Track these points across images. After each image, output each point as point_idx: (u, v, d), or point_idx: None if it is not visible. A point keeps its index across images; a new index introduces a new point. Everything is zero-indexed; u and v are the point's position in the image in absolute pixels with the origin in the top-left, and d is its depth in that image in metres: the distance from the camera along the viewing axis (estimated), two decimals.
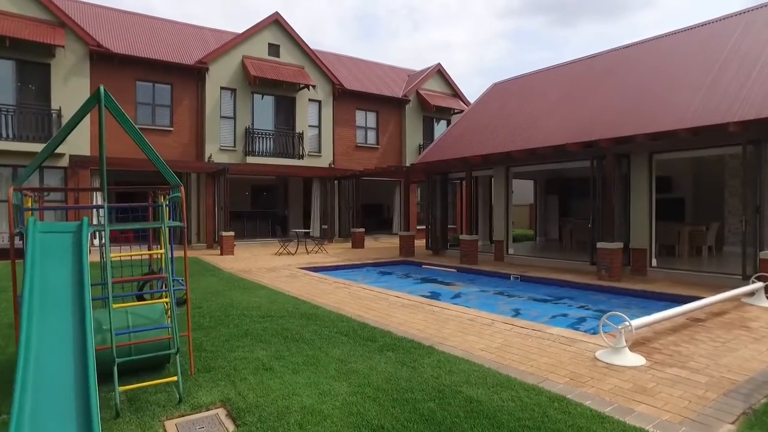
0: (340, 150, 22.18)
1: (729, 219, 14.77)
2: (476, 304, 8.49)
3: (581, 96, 13.82)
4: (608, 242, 10.27)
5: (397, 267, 14.16)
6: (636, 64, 13.47)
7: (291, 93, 20.33)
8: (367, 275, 12.56)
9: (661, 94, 11.20)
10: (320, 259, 14.87)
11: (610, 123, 11.44)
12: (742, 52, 10.63)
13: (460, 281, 11.40)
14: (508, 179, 14.42)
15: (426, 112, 24.62)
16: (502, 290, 10.01)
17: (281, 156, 19.82)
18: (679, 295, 8.59)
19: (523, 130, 14.01)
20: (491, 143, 14.43)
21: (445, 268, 13.30)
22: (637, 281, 10.11)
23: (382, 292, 8.79)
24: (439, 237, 16.44)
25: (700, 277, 10.02)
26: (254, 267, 12.85)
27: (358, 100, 22.61)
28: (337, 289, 9.28)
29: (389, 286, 10.62)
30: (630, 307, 8.25)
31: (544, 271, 11.72)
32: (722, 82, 10.04)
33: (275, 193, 25.12)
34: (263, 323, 6.40)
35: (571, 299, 8.97)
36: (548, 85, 15.94)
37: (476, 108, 18.14)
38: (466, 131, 16.62)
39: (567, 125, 12.66)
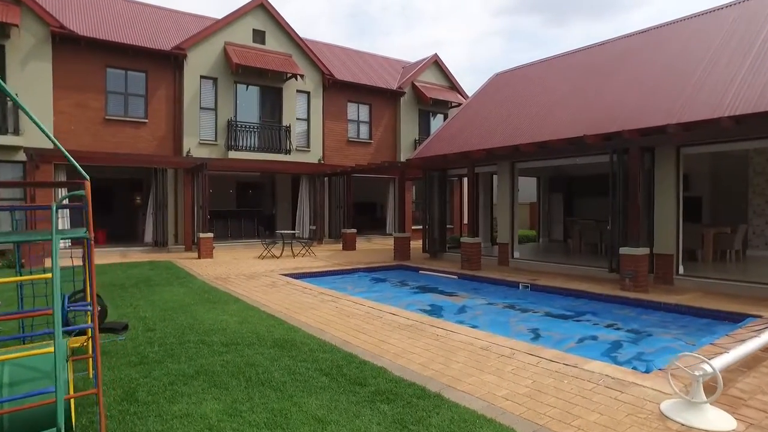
0: (331, 145, 20.82)
1: (754, 220, 13.58)
2: (486, 322, 7.20)
3: (595, 85, 12.55)
4: (633, 247, 9.00)
5: (391, 272, 12.84)
6: (658, 49, 12.21)
7: (277, 83, 18.93)
8: (358, 282, 11.24)
9: (691, 80, 9.94)
10: (307, 263, 13.53)
11: (631, 113, 10.18)
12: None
13: (463, 291, 10.10)
14: (514, 176, 13.14)
15: (422, 106, 23.30)
16: (513, 302, 8.72)
17: (267, 151, 18.43)
18: (721, 311, 7.34)
19: (531, 121, 12.73)
20: (495, 136, 13.13)
21: (445, 274, 12.00)
22: (664, 292, 8.86)
23: (374, 308, 7.47)
24: (437, 239, 15.15)
25: (737, 288, 8.78)
26: (233, 273, 11.50)
27: (349, 91, 21.26)
28: (322, 302, 7.95)
29: (383, 297, 9.30)
30: (666, 325, 6.99)
31: (556, 279, 10.45)
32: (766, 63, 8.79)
33: (262, 191, 23.72)
34: (224, 355, 5.06)
35: (594, 315, 7.70)
36: (557, 75, 14.66)
37: (477, 99, 16.83)
38: (467, 124, 15.32)
39: (580, 116, 11.39)
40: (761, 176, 13.48)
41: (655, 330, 6.70)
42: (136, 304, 7.58)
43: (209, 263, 13.33)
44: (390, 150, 22.66)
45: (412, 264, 13.56)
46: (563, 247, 16.57)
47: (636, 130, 9.07)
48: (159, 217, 15.98)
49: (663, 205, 9.71)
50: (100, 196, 21.77)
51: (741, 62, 9.45)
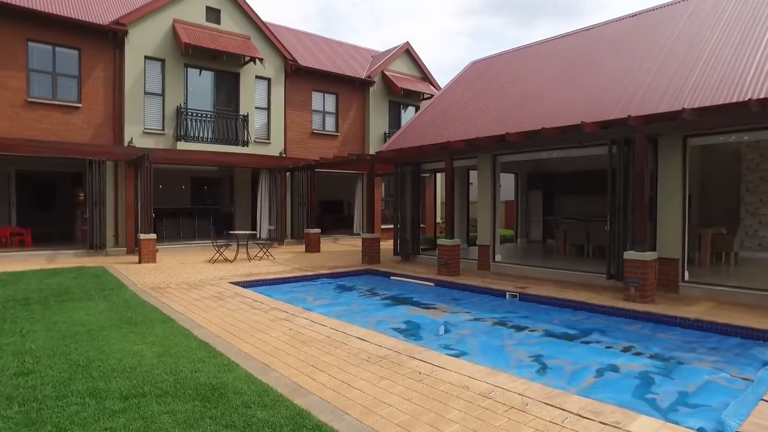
0: (293, 137, 19.14)
1: (747, 220, 12.72)
2: (477, 348, 5.81)
3: (585, 70, 11.39)
4: (640, 251, 7.80)
5: (359, 279, 11.36)
6: (654, 33, 11.12)
7: (234, 68, 17.13)
8: (320, 292, 9.71)
9: (699, 62, 8.84)
10: (264, 268, 11.90)
11: (631, 99, 9.01)
12: None
13: (442, 302, 8.71)
14: (496, 170, 11.85)
15: (392, 97, 21.86)
16: (503, 317, 7.37)
17: (222, 142, 16.62)
18: (753, 329, 6.18)
19: (516, 110, 11.47)
20: (475, 126, 11.82)
21: (421, 281, 10.60)
22: (672, 302, 7.70)
23: (338, 329, 5.97)
24: (409, 240, 13.75)
25: (751, 297, 7.70)
26: (174, 281, 9.79)
27: (314, 79, 19.61)
28: (274, 321, 6.40)
29: (349, 311, 7.81)
30: (693, 347, 5.77)
31: (547, 287, 9.19)
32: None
33: (219, 188, 21.84)
34: (116, 417, 3.47)
35: (602, 333, 6.42)
36: (541, 61, 13.47)
37: (453, 88, 15.51)
38: (442, 114, 13.98)
39: (572, 103, 10.19)
40: (755, 173, 12.63)
41: (683, 356, 5.45)
42: (27, 330, 5.85)
43: (150, 269, 11.53)
44: (358, 143, 21.14)
45: (382, 268, 12.10)
46: (544, 249, 15.45)
47: (643, 116, 7.87)
48: (95, 216, 13.99)
49: (667, 204, 8.57)
50: (33, 190, 19.51)
51: (758, 40, 8.39)
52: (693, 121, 7.32)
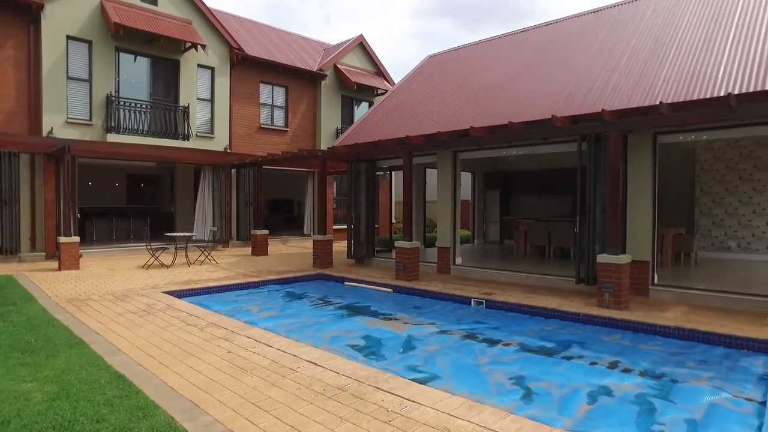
0: (240, 131, 17.86)
1: (701, 220, 12.73)
2: (449, 369, 5.05)
3: (550, 64, 10.96)
4: (614, 254, 7.32)
5: (310, 285, 10.41)
6: (617, 29, 10.82)
7: (173, 54, 15.69)
8: (267, 301, 8.70)
9: (669, 57, 8.52)
10: (204, 274, 10.72)
11: (599, 93, 8.58)
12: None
13: (402, 311, 7.93)
14: (456, 168, 11.22)
15: (345, 91, 20.93)
16: (472, 329, 6.67)
17: (159, 136, 15.15)
18: (737, 337, 5.78)
19: (478, 104, 10.88)
20: (435, 121, 11.15)
21: (378, 287, 9.78)
22: (645, 307, 7.28)
23: (286, 350, 5.05)
24: (364, 242, 12.90)
25: (723, 300, 7.41)
26: (97, 291, 8.50)
27: (262, 70, 18.38)
28: (210, 341, 5.39)
29: (299, 325, 6.88)
30: (682, 360, 5.26)
31: (513, 292, 8.60)
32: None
33: (158, 185, 20.15)
34: None
35: (582, 346, 5.83)
36: (502, 55, 12.98)
37: (410, 82, 14.81)
38: (399, 108, 13.23)
39: (538, 97, 9.68)
40: (708, 174, 12.67)
41: (675, 372, 4.92)
42: None
43: (70, 278, 10.09)
44: (309, 139, 20.08)
45: (335, 273, 11.20)
46: (504, 250, 15.03)
47: (618, 111, 7.39)
48: (4, 217, 12.26)
49: (638, 204, 8.17)
50: None
51: (724, 35, 8.13)
52: (669, 117, 6.90)
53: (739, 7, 9.03)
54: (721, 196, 12.40)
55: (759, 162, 11.96)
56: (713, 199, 12.53)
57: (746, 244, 12.12)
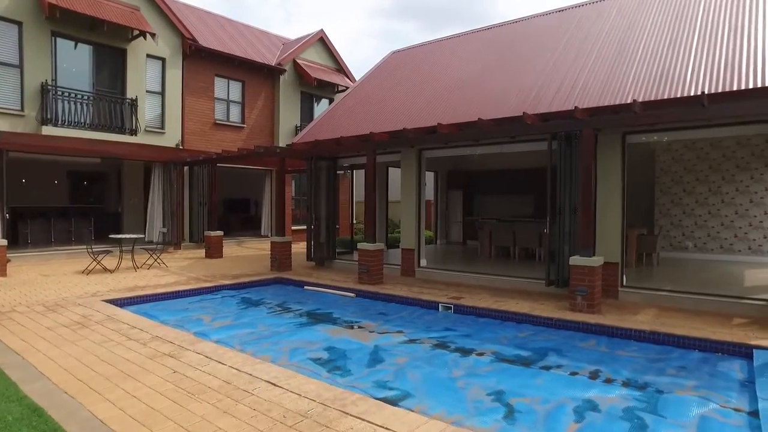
0: (193, 127, 16.90)
1: (660, 221, 12.89)
2: (421, 384, 4.62)
3: (516, 62, 10.76)
4: (586, 256, 7.10)
5: (268, 290, 9.78)
6: (582, 28, 10.73)
7: (120, 42, 14.61)
8: (220, 308, 8.03)
9: (637, 57, 8.43)
10: (152, 279, 9.90)
11: (568, 91, 8.40)
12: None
13: (367, 318, 7.46)
14: (421, 167, 10.85)
15: (305, 87, 20.25)
16: (442, 337, 6.28)
17: (103, 129, 14.06)
18: (711, 341, 5.64)
19: (444, 101, 10.55)
20: (400, 118, 10.74)
21: (340, 291, 9.28)
22: (616, 310, 7.11)
23: (241, 369, 4.48)
24: (324, 243, 12.35)
25: (691, 301, 7.37)
26: (25, 301, 7.60)
27: (218, 63, 17.47)
28: (152, 359, 4.75)
29: (256, 336, 6.30)
30: (661, 367, 5.04)
31: (481, 295, 8.30)
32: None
33: (105, 183, 18.82)
34: None
35: (559, 354, 5.54)
36: (468, 52, 12.74)
37: (373, 77, 14.36)
38: (362, 104, 12.76)
39: (506, 95, 9.44)
40: (667, 175, 12.85)
41: (657, 380, 4.68)
42: None
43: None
44: (266, 137, 19.29)
45: (294, 277, 10.61)
46: (468, 251, 14.82)
47: (590, 108, 7.19)
48: None
49: (607, 204, 8.02)
50: None
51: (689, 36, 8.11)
52: (642, 116, 6.74)
53: (701, 8, 9.07)
54: (679, 197, 12.60)
55: (714, 164, 12.21)
56: (671, 199, 12.71)
57: (702, 244, 12.35)
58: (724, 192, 12.06)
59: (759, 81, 6.58)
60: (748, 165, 11.81)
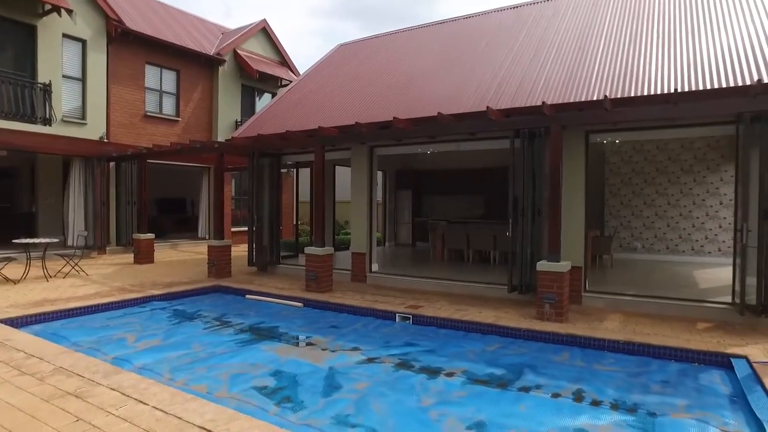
0: (120, 119, 15.33)
1: (610, 222, 12.94)
2: (388, 416, 3.94)
3: (474, 57, 10.32)
4: (554, 261, 6.69)
5: (204, 300, 8.76)
6: (539, 25, 10.46)
7: (28, 17, 12.89)
8: (149, 324, 6.97)
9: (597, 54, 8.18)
10: (67, 290, 8.60)
11: (530, 88, 8.02)
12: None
13: (318, 332, 6.69)
14: (373, 165, 10.19)
15: (246, 80, 19.03)
16: (403, 354, 5.62)
17: (7, 117, 12.34)
18: (688, 350, 5.36)
19: (399, 95, 9.94)
20: (349, 113, 10.04)
21: (286, 300, 8.42)
22: (585, 317, 6.76)
23: (168, 410, 3.59)
24: (267, 247, 11.40)
25: (655, 306, 7.17)
26: None
27: (148, 49, 15.96)
28: (48, 403, 3.75)
29: (190, 360, 5.36)
30: (644, 383, 4.64)
31: (440, 303, 7.74)
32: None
33: (14, 180, 16.78)
34: None
35: (534, 371, 5.02)
36: (420, 45, 12.24)
37: (320, 70, 13.54)
38: (309, 97, 11.93)
39: (464, 90, 8.95)
40: (617, 176, 12.91)
41: (646, 400, 4.27)
42: None
43: None
44: (204, 131, 17.93)
45: (234, 284, 9.62)
46: (418, 254, 14.31)
47: (559, 104, 6.81)
48: None
49: (571, 205, 7.68)
50: None
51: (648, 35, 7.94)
52: (612, 113, 6.41)
53: (657, 5, 9.01)
54: (628, 198, 12.69)
55: (660, 166, 12.38)
56: (621, 200, 12.78)
57: (650, 245, 12.49)
58: (669, 194, 12.25)
59: (722, 81, 6.43)
60: (691, 168, 12.05)
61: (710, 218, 11.84)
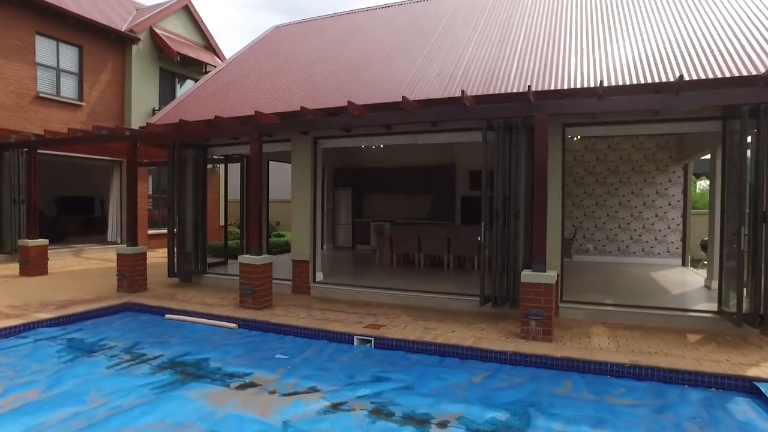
0: (2, 99, 12.81)
1: (565, 224, 12.47)
2: None
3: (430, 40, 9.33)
4: (539, 271, 5.80)
5: (112, 323, 7.06)
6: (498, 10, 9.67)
7: None
8: (28, 364, 5.25)
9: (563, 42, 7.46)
10: None
11: (501, 73, 7.14)
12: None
13: (261, 364, 5.34)
14: (317, 159, 8.91)
15: (165, 64, 16.87)
16: (376, 394, 4.45)
17: None
18: (703, 373, 4.66)
19: (348, 80, 8.73)
20: (291, 98, 8.69)
21: (216, 320, 6.95)
22: (570, 333, 5.94)
23: None
24: (191, 253, 9.77)
25: (637, 316, 6.52)
26: None
27: (40, 18, 13.44)
28: None
29: (82, 422, 3.84)
30: (679, 421, 3.80)
31: (403, 319, 6.65)
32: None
33: None
34: None
35: (541, 410, 4.05)
36: (368, 28, 11.08)
37: (254, 52, 11.99)
38: (241, 81, 10.40)
39: (424, 76, 7.91)
40: (569, 176, 12.48)
41: None
42: None
43: None
44: (115, 120, 15.58)
45: (151, 301, 7.95)
46: (361, 258, 13.17)
47: (545, 91, 5.93)
48: None
49: (548, 206, 6.86)
50: None
51: None
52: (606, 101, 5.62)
53: None
54: (580, 199, 12.33)
55: (612, 165, 12.11)
56: (573, 201, 12.39)
57: (602, 247, 12.19)
58: (621, 194, 12.01)
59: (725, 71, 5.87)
60: (642, 168, 11.87)
61: (659, 219, 11.71)
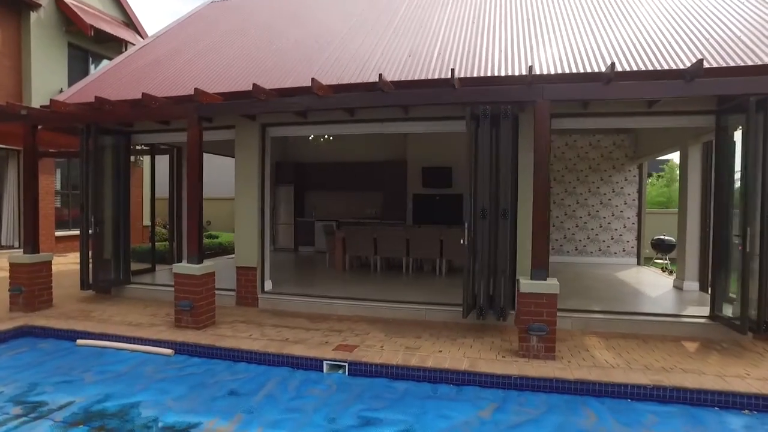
0: None
1: None
2: None
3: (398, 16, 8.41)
4: (540, 279, 5.06)
5: (1, 354, 5.50)
6: None
7: None
8: None
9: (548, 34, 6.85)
10: None
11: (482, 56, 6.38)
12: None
13: (210, 410, 4.16)
14: (266, 149, 7.67)
15: (76, 39, 14.63)
16: None
17: None
18: (728, 393, 4.14)
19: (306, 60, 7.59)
20: (235, 78, 7.41)
21: (146, 345, 5.60)
22: (566, 347, 5.27)
23: None
24: (111, 260, 8.19)
25: (627, 324, 6.08)
26: None
27: None
28: None
29: None
30: None
31: (372, 335, 5.69)
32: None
33: None
34: None
35: None
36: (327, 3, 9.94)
37: (187, 26, 10.47)
38: (172, 57, 8.92)
39: (393, 55, 6.98)
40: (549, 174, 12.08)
41: None
42: None
43: None
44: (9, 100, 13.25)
45: (57, 323, 6.37)
46: (308, 262, 12.03)
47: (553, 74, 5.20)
48: None
49: (529, 202, 6.17)
50: None
51: None
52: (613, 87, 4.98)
53: None
54: (561, 198, 11.92)
55: (569, 164, 11.84)
56: (553, 200, 11.91)
57: (559, 246, 11.89)
58: (578, 193, 11.75)
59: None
60: (599, 167, 11.68)
61: (616, 218, 11.57)
